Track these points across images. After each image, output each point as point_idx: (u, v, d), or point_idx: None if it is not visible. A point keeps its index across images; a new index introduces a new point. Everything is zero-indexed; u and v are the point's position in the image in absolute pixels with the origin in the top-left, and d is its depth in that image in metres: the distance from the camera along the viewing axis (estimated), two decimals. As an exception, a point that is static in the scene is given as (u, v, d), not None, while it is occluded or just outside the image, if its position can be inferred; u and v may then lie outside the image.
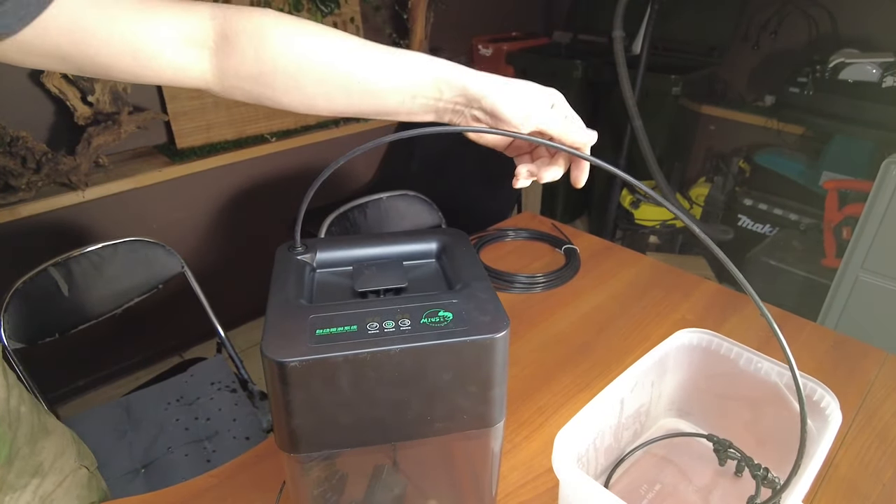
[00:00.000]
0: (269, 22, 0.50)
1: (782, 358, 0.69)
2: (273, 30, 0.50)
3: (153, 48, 0.47)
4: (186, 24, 0.49)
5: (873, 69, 1.87)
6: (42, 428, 0.70)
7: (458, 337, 0.43)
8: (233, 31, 0.49)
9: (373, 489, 0.56)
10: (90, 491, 0.75)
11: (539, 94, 0.52)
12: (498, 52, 2.57)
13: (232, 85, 0.52)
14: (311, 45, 0.50)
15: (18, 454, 0.66)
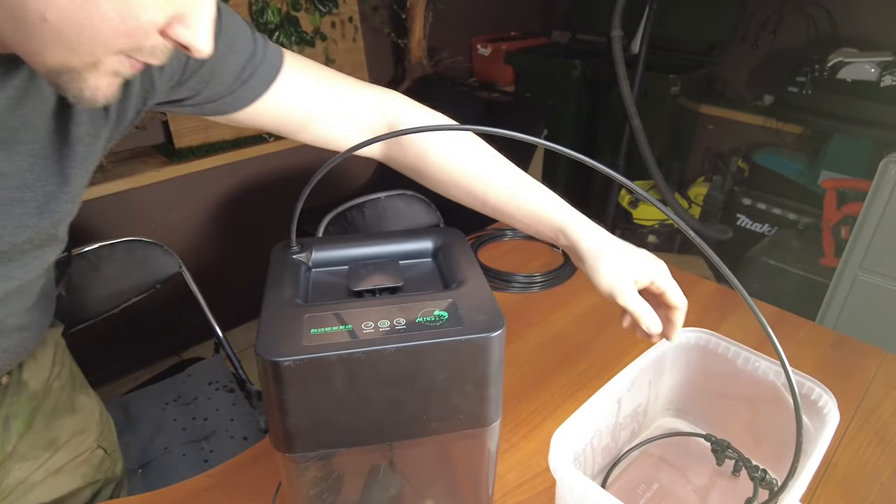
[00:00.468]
0: (430, 144, 0.60)
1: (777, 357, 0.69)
2: (434, 152, 0.60)
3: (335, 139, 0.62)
4: (364, 123, 0.62)
5: (872, 68, 1.87)
6: (68, 406, 0.73)
7: (453, 336, 0.43)
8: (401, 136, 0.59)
9: (369, 489, 0.56)
10: (99, 471, 0.76)
11: (624, 274, 0.57)
12: (497, 51, 2.57)
13: (397, 165, 0.64)
14: (462, 172, 0.61)
15: (35, 427, 0.68)
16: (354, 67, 2.18)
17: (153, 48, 0.37)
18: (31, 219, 0.48)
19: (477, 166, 0.61)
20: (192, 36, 0.38)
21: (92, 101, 0.38)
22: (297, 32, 1.96)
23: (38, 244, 0.51)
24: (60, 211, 0.50)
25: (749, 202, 2.28)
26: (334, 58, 2.10)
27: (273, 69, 0.57)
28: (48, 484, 0.69)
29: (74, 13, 0.32)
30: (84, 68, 0.35)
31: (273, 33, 1.91)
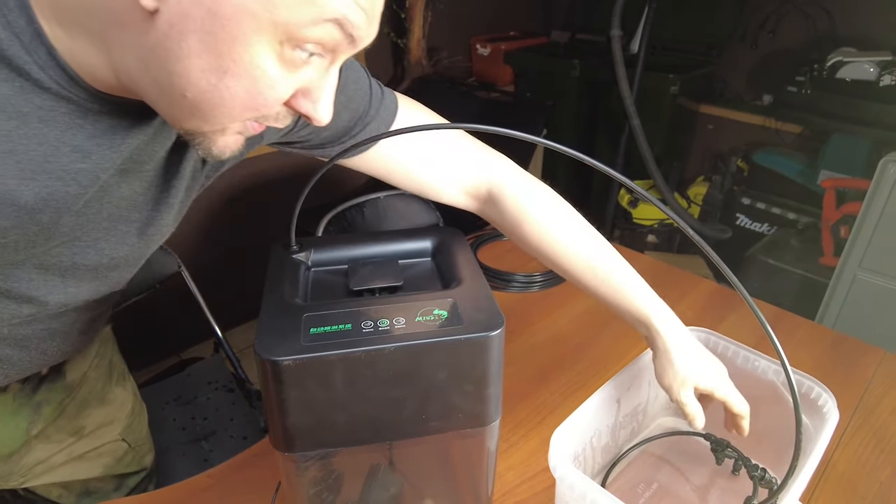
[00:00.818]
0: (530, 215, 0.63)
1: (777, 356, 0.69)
2: (530, 223, 0.63)
3: (436, 192, 0.64)
4: (467, 180, 0.64)
5: (871, 68, 1.87)
6: (99, 397, 0.75)
7: (452, 335, 0.43)
8: (502, 201, 0.63)
9: (369, 489, 0.56)
10: (120, 464, 0.78)
11: (686, 380, 0.59)
12: (496, 51, 2.57)
13: (490, 222, 0.68)
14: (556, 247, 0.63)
15: (64, 413, 0.70)
16: (354, 67, 2.18)
17: (277, 115, 0.41)
18: (132, 237, 0.52)
19: (572, 243, 0.63)
20: (313, 109, 0.41)
21: (219, 156, 0.42)
22: (296, 32, 1.96)
23: (131, 262, 0.54)
24: (157, 234, 0.54)
25: (748, 202, 2.28)
26: (334, 58, 2.09)
27: (384, 125, 0.60)
28: (68, 468, 0.72)
29: (210, 92, 0.36)
30: (213, 133, 0.40)
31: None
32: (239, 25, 0.33)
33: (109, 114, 0.41)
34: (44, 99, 0.38)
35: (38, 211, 0.41)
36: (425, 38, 2.31)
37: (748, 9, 2.33)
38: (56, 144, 0.39)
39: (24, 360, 0.58)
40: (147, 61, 0.35)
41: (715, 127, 2.53)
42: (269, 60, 0.35)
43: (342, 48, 0.38)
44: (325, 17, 0.34)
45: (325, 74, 0.40)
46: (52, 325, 0.56)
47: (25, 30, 0.35)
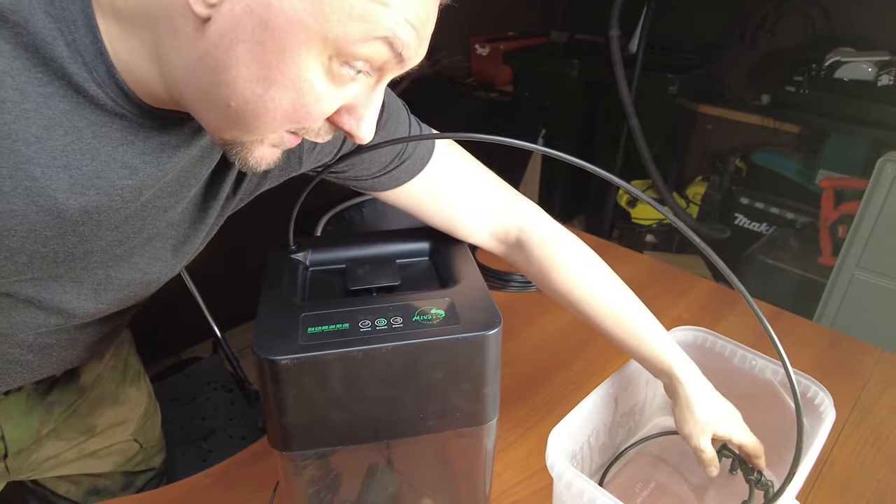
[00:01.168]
0: (557, 264, 0.64)
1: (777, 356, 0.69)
2: (557, 273, 0.63)
3: (464, 232, 0.63)
4: (496, 223, 0.65)
5: (869, 68, 1.87)
6: (112, 397, 0.76)
7: (450, 335, 0.43)
8: (530, 248, 0.64)
9: (367, 488, 0.56)
10: (130, 463, 0.79)
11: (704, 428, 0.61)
12: (495, 51, 2.57)
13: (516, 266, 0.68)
14: (581, 296, 0.64)
15: (76, 413, 0.71)
16: (353, 67, 2.18)
17: (318, 129, 0.41)
18: (166, 254, 0.52)
19: (600, 293, 0.64)
20: (356, 126, 0.41)
21: (255, 167, 0.42)
22: (295, 32, 1.96)
23: (162, 277, 0.55)
24: (190, 252, 0.55)
25: (747, 201, 2.29)
26: (332, 58, 2.09)
27: (420, 164, 0.60)
28: (78, 464, 0.73)
29: (255, 103, 0.36)
30: (252, 143, 0.40)
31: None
32: (289, 37, 0.33)
33: (159, 131, 0.42)
34: (98, 115, 0.38)
35: (80, 223, 0.41)
36: (424, 39, 2.31)
37: (746, 9, 2.34)
38: (107, 160, 0.40)
39: (43, 366, 0.58)
40: (195, 70, 0.35)
41: (713, 127, 2.54)
42: (316, 74, 0.35)
43: (390, 67, 0.38)
44: (375, 34, 0.34)
45: (371, 92, 0.40)
46: (76, 335, 0.57)
47: (89, 48, 0.36)
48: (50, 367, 0.60)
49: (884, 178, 1.53)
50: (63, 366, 0.62)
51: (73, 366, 0.65)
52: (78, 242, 0.43)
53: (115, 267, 0.49)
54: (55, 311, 0.49)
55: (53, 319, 0.51)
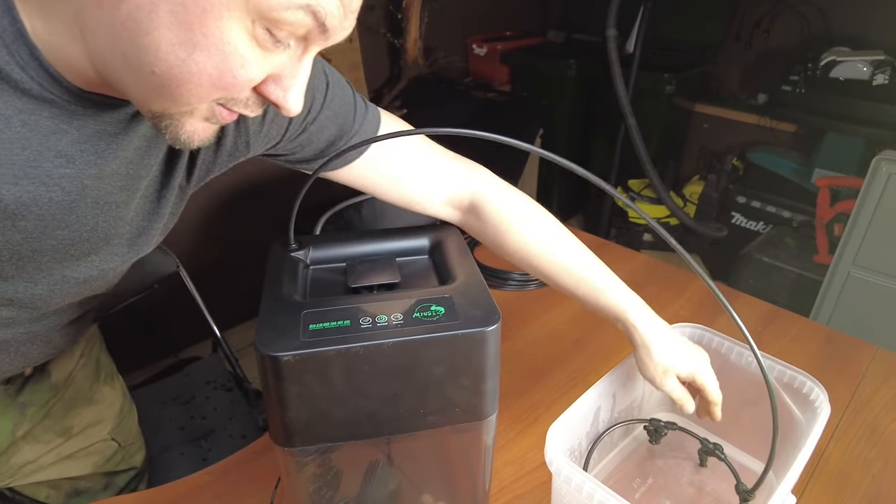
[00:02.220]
0: (510, 222, 0.64)
1: (774, 351, 0.69)
2: (511, 234, 0.64)
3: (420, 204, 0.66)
4: (449, 192, 0.66)
5: (864, 67, 1.88)
6: (87, 396, 0.75)
7: (449, 331, 0.43)
8: (483, 209, 0.65)
9: (367, 485, 0.57)
10: (110, 462, 0.78)
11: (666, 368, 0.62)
12: (492, 51, 2.57)
13: (471, 234, 0.69)
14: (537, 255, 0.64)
15: (51, 414, 0.70)
16: (350, 67, 2.18)
17: (247, 100, 0.40)
18: (122, 248, 0.52)
19: (551, 248, 0.65)
20: (283, 96, 0.40)
21: (188, 143, 0.41)
22: (292, 32, 1.97)
23: (119, 271, 0.55)
24: (147, 244, 0.54)
25: (744, 200, 2.30)
26: (330, 57, 2.10)
27: (367, 137, 0.61)
28: (57, 467, 0.72)
29: (178, 68, 0.35)
30: (182, 116, 0.39)
31: (269, 33, 1.91)
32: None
33: (94, 118, 0.41)
34: (25, 102, 0.37)
35: (20, 217, 0.41)
36: (422, 38, 2.31)
37: (742, 8, 2.35)
38: (39, 149, 0.39)
39: (3, 362, 0.57)
40: (118, 37, 0.34)
41: (710, 126, 2.55)
42: (240, 38, 0.35)
43: (314, 37, 0.38)
44: (297, 2, 0.34)
45: (298, 63, 0.40)
46: (33, 328, 0.56)
47: (8, 29, 0.35)
48: (12, 365, 0.59)
49: (879, 176, 1.54)
50: (26, 361, 0.61)
51: (38, 362, 0.64)
52: (22, 240, 0.42)
53: (71, 267, 0.49)
54: (4, 302, 0.49)
55: (5, 312, 0.50)
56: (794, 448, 0.59)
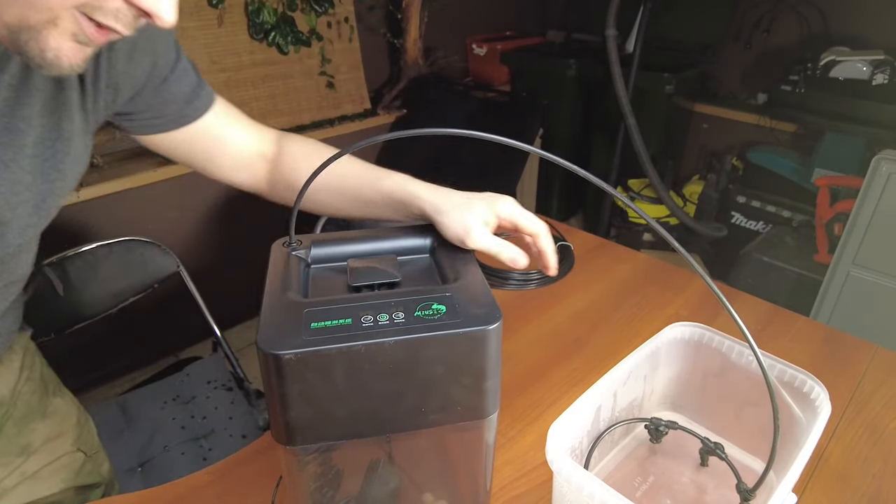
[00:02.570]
0: (298, 149, 0.69)
1: (774, 351, 0.70)
2: (301, 156, 0.68)
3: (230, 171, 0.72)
4: (260, 143, 0.70)
5: (863, 67, 1.89)
6: (40, 410, 0.71)
7: (451, 329, 0.43)
8: (282, 152, 0.69)
9: (368, 483, 0.57)
10: (80, 476, 0.75)
11: (469, 219, 0.56)
12: (492, 51, 2.58)
13: (277, 193, 0.72)
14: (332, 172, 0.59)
15: (5, 433, 0.66)
16: (350, 67, 2.18)
17: (117, 11, 0.37)
18: (31, 218, 0.49)
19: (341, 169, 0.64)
20: (154, 4, 0.37)
21: (56, 64, 0.37)
22: (293, 33, 1.97)
23: (31, 242, 0.52)
24: (55, 206, 0.51)
25: (743, 200, 2.30)
26: (330, 58, 2.10)
27: (207, 103, 0.66)
28: (23, 489, 0.68)
29: None
30: (42, 25, 0.35)
31: (269, 33, 1.91)
32: None
33: None
34: None
35: None
36: (422, 38, 2.31)
37: (742, 9, 2.35)
38: None
39: None
40: None
41: (710, 126, 2.55)
42: None
43: None
44: None
45: None
46: None
47: None
48: None
49: (878, 176, 1.55)
50: None
51: None
52: None
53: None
54: None
55: None
56: (794, 447, 0.59)
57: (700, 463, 0.71)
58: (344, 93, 2.19)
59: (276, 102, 2.01)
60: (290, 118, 2.05)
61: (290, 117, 2.05)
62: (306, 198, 0.58)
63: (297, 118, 2.07)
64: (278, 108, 2.02)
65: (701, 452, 0.70)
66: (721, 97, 2.51)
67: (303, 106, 2.08)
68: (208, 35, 1.80)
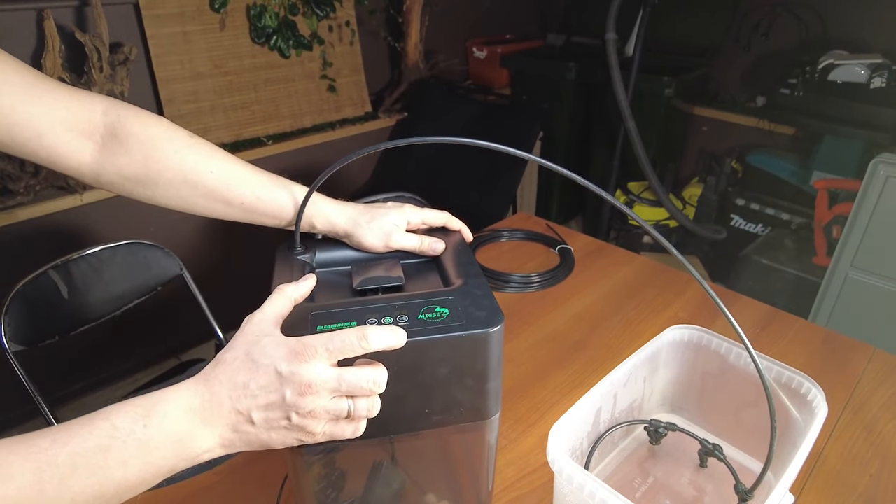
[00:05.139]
0: (162, 134, 0.54)
1: (773, 353, 0.71)
2: (165, 143, 0.54)
3: (32, 130, 0.50)
4: (73, 112, 0.52)
5: (861, 70, 1.90)
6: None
7: (454, 332, 0.44)
8: (125, 132, 0.53)
9: (372, 484, 0.57)
10: None
11: (390, 225, 0.58)
12: (492, 54, 2.59)
13: (110, 181, 0.55)
14: (199, 166, 0.55)
15: None
16: (351, 71, 2.20)
17: None
18: None
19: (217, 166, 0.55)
20: None
21: None
22: (294, 36, 1.98)
23: None
24: None
25: (743, 202, 2.31)
26: (331, 61, 2.11)
27: None
28: None
29: None
30: None
31: (271, 37, 1.92)
32: None
33: None
34: None
35: None
36: (422, 42, 2.33)
37: (741, 12, 2.36)
38: None
39: None
40: None
41: (709, 128, 2.56)
42: None
43: None
44: None
45: None
46: None
47: None
48: None
49: (876, 179, 1.55)
50: None
51: None
52: None
53: None
54: None
55: None
56: (792, 448, 0.60)
57: (699, 464, 0.72)
58: (345, 96, 2.20)
59: (278, 106, 2.02)
60: (292, 121, 2.06)
61: (291, 120, 2.06)
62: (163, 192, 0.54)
63: (299, 121, 2.08)
64: (280, 112, 2.03)
65: (700, 453, 0.71)
66: (720, 100, 2.52)
67: (304, 109, 2.09)
68: (210, 39, 1.81)
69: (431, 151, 2.28)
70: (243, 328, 0.43)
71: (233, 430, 0.40)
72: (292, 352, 0.40)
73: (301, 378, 0.39)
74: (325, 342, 0.40)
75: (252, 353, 0.40)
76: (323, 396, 0.40)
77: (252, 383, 0.40)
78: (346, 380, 0.40)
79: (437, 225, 0.62)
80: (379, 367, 0.42)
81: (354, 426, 0.43)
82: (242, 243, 2.07)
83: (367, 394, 0.42)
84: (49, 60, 1.45)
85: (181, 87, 1.78)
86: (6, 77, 0.49)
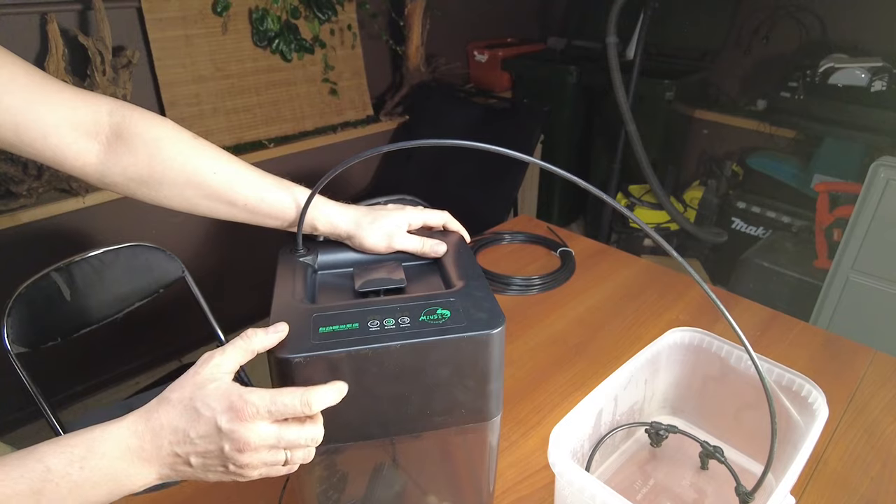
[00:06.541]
0: (166, 135, 0.55)
1: (773, 355, 0.71)
2: (170, 144, 0.54)
3: (38, 130, 0.50)
4: (79, 113, 0.52)
5: (862, 74, 1.90)
6: None
7: (455, 333, 0.44)
8: (130, 133, 0.53)
9: (373, 486, 0.58)
10: None
11: (387, 231, 0.58)
12: (493, 58, 2.60)
13: (115, 181, 0.55)
14: (204, 167, 0.56)
15: None
16: (353, 74, 2.20)
17: None
18: None
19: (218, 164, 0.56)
20: None
21: None
22: (296, 40, 1.99)
23: None
24: None
25: (743, 205, 2.31)
26: (333, 65, 2.12)
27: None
28: None
29: None
30: None
31: (273, 41, 1.93)
32: None
33: None
34: None
35: None
36: (423, 46, 2.33)
37: (741, 16, 2.37)
38: None
39: None
40: None
41: (710, 132, 2.56)
42: None
43: None
44: None
45: None
46: None
47: None
48: None
49: (877, 182, 1.56)
50: None
51: None
52: None
53: None
54: None
55: None
56: (793, 450, 0.60)
57: (700, 466, 0.72)
58: (346, 99, 2.20)
59: (280, 109, 2.03)
60: (294, 124, 2.07)
61: (293, 124, 2.06)
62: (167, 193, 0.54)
63: (300, 125, 2.09)
64: (281, 115, 2.04)
65: (701, 456, 0.71)
66: (721, 103, 2.52)
67: (306, 112, 2.10)
68: (213, 42, 1.82)
69: (432, 154, 2.29)
70: (197, 366, 0.45)
71: (170, 468, 0.42)
72: (233, 409, 0.41)
73: (240, 436, 0.40)
74: (267, 404, 0.41)
75: (195, 401, 0.42)
76: (261, 452, 0.42)
77: (192, 431, 0.41)
78: (284, 438, 0.42)
79: (438, 226, 0.63)
80: (318, 423, 0.44)
81: (289, 468, 0.45)
82: (244, 246, 2.08)
83: (305, 447, 0.44)
84: (52, 64, 1.46)
85: (183, 91, 1.79)
86: (14, 77, 0.49)
